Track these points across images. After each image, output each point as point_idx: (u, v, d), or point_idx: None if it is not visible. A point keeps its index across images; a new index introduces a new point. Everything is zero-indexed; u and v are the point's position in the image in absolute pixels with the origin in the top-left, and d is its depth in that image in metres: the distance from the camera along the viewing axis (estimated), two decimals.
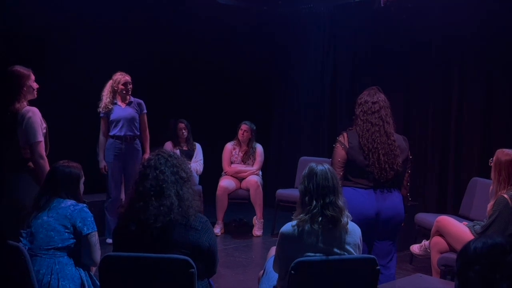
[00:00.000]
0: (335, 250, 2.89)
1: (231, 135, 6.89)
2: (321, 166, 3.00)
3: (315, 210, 2.88)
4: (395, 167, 3.91)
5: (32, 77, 4.07)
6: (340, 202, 2.94)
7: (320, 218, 2.87)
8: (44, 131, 4.00)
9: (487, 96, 6.25)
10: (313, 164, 3.03)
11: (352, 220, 3.00)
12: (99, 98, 5.80)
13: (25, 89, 3.98)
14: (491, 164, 4.24)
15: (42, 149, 3.90)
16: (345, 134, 4.02)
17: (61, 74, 6.45)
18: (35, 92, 4.09)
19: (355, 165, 3.93)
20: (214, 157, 6.98)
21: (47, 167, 3.80)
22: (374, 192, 3.93)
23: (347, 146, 3.94)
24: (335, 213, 2.89)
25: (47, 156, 3.94)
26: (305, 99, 8.16)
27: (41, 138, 3.89)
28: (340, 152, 3.96)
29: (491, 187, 4.18)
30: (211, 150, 7.19)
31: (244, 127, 6.72)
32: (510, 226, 3.97)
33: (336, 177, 3.01)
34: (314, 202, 2.90)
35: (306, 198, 2.93)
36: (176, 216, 2.75)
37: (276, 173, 8.36)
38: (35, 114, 3.90)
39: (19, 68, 4.01)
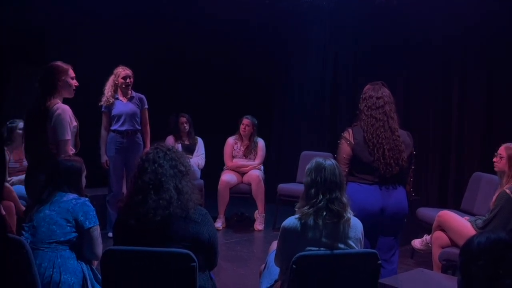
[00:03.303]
0: (338, 244, 2.89)
1: (233, 130, 6.88)
2: (329, 161, 3.01)
3: (320, 204, 2.88)
4: (400, 162, 3.90)
5: (71, 73, 4.03)
6: (344, 199, 2.94)
7: (324, 213, 2.87)
8: (75, 129, 3.97)
9: (488, 93, 6.27)
10: (320, 159, 3.03)
11: (356, 216, 3.00)
12: (100, 95, 5.80)
13: (60, 84, 3.95)
14: (496, 160, 4.25)
15: (68, 147, 3.86)
16: (350, 130, 4.01)
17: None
18: (73, 90, 4.05)
19: (360, 161, 3.92)
20: (216, 152, 6.98)
21: None
22: (379, 188, 3.91)
23: (353, 142, 3.93)
24: (340, 208, 2.89)
25: (77, 154, 3.91)
26: (306, 94, 8.15)
27: (68, 136, 3.85)
28: (345, 149, 3.95)
29: (504, 179, 4.18)
30: (212, 145, 7.19)
31: (246, 121, 6.71)
32: None
33: (342, 174, 3.03)
34: (321, 196, 2.90)
35: (312, 190, 2.93)
36: (175, 209, 2.75)
37: (277, 167, 8.36)
38: (64, 112, 3.86)
39: (58, 63, 3.99)
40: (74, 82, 4.08)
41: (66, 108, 3.91)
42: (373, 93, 4.02)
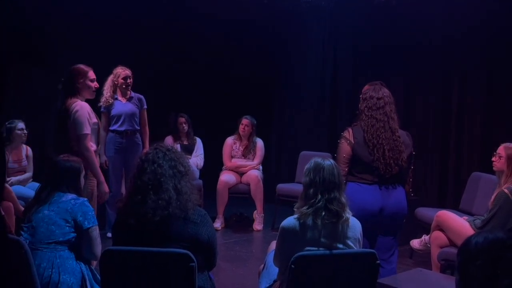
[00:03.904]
0: (336, 244, 2.89)
1: (232, 130, 6.88)
2: (328, 161, 3.01)
3: (319, 204, 2.88)
4: (399, 162, 3.91)
5: (90, 76, 4.22)
6: (343, 199, 2.94)
7: (323, 213, 2.88)
8: (95, 126, 4.16)
9: (487, 93, 6.28)
10: (318, 159, 3.04)
11: (355, 216, 3.00)
12: (99, 94, 5.79)
13: (78, 86, 4.14)
14: (494, 159, 4.25)
15: (87, 141, 4.04)
16: (350, 130, 4.00)
17: (61, 71, 6.45)
18: (93, 91, 4.26)
19: (360, 161, 3.92)
20: (215, 152, 6.98)
21: (93, 159, 4.03)
22: (379, 188, 3.91)
23: (353, 142, 3.93)
24: (339, 208, 2.89)
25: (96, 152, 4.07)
26: (305, 94, 8.16)
27: (87, 131, 4.03)
28: (345, 148, 3.94)
29: (502, 179, 4.18)
30: (211, 145, 7.19)
31: (245, 122, 6.71)
32: (511, 220, 3.98)
33: (340, 173, 3.03)
34: (319, 196, 2.90)
35: (311, 191, 2.94)
36: (174, 210, 2.75)
37: (276, 167, 8.36)
38: (82, 108, 4.04)
39: (79, 66, 4.20)
40: (94, 84, 4.26)
41: (85, 104, 4.10)
42: (374, 93, 4.01)
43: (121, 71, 5.77)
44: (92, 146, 4.16)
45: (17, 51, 6.39)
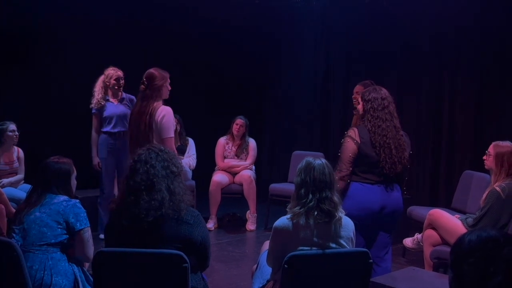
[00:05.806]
0: (329, 244, 2.89)
1: (224, 130, 6.88)
2: (319, 160, 3.00)
3: (311, 204, 2.88)
4: (402, 161, 3.91)
5: (168, 79, 4.53)
6: (336, 198, 2.94)
7: (315, 212, 2.88)
8: (174, 128, 4.44)
9: (479, 91, 6.30)
10: (309, 158, 3.03)
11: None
12: (91, 94, 5.77)
13: (161, 89, 4.43)
14: (485, 158, 4.27)
15: (172, 143, 4.33)
16: (355, 129, 3.97)
17: (56, 71, 6.44)
18: (168, 92, 4.53)
19: (365, 160, 3.89)
20: (207, 152, 6.97)
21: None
22: (382, 188, 3.90)
23: (359, 142, 3.90)
24: (331, 208, 2.89)
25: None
26: (298, 93, 8.17)
27: (172, 134, 4.33)
28: (351, 147, 3.90)
29: (493, 177, 4.20)
30: (204, 145, 7.17)
31: (240, 122, 6.71)
32: (502, 218, 4.01)
33: (332, 172, 3.01)
34: (310, 196, 2.90)
35: (302, 191, 2.93)
36: (167, 210, 2.74)
37: (269, 167, 8.37)
38: (169, 113, 4.35)
39: (157, 70, 4.48)
40: (170, 87, 4.57)
41: (170, 110, 4.40)
42: (376, 94, 4.00)
43: (113, 72, 5.74)
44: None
45: (8, 53, 6.36)
